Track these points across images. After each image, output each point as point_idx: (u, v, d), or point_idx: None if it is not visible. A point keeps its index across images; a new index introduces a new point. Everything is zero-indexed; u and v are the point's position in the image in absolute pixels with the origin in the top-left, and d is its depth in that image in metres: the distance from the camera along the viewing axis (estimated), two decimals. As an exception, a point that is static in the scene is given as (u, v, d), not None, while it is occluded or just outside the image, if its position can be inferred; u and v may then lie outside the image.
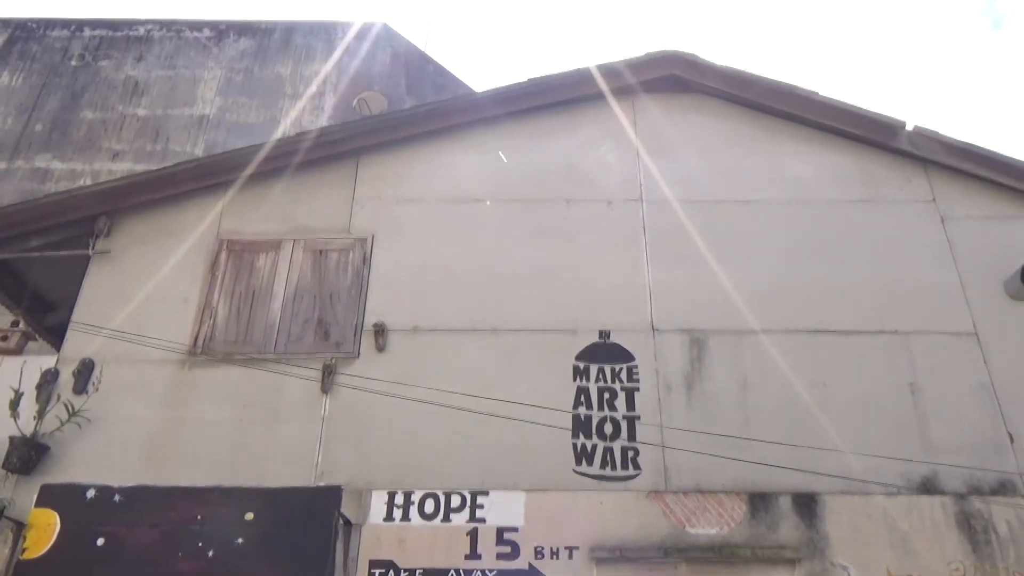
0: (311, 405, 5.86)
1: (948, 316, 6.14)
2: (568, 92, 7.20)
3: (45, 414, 5.68)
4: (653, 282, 6.33)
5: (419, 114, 7.21)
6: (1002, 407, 5.74)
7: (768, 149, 7.03)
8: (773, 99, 7.11)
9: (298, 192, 6.88)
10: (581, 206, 6.75)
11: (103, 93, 11.38)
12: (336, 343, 6.13)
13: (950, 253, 6.42)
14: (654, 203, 6.72)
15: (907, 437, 5.66)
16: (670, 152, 7.00)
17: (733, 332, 6.10)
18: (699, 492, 5.47)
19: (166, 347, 6.04)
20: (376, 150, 7.04)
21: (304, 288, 6.39)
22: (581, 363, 6.01)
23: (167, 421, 5.80)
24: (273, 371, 5.94)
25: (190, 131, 11.01)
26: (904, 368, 5.92)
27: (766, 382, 5.90)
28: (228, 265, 6.51)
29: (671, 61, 7.25)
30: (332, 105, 11.33)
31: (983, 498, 5.39)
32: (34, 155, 10.70)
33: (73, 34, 12.04)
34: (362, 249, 6.54)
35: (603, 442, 5.68)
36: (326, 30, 12.32)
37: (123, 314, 6.18)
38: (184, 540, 5.27)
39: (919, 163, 6.89)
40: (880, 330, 6.08)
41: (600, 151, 7.07)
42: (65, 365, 6.00)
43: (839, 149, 7.00)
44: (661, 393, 5.87)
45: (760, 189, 6.80)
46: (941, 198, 6.72)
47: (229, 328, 6.22)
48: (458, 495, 5.48)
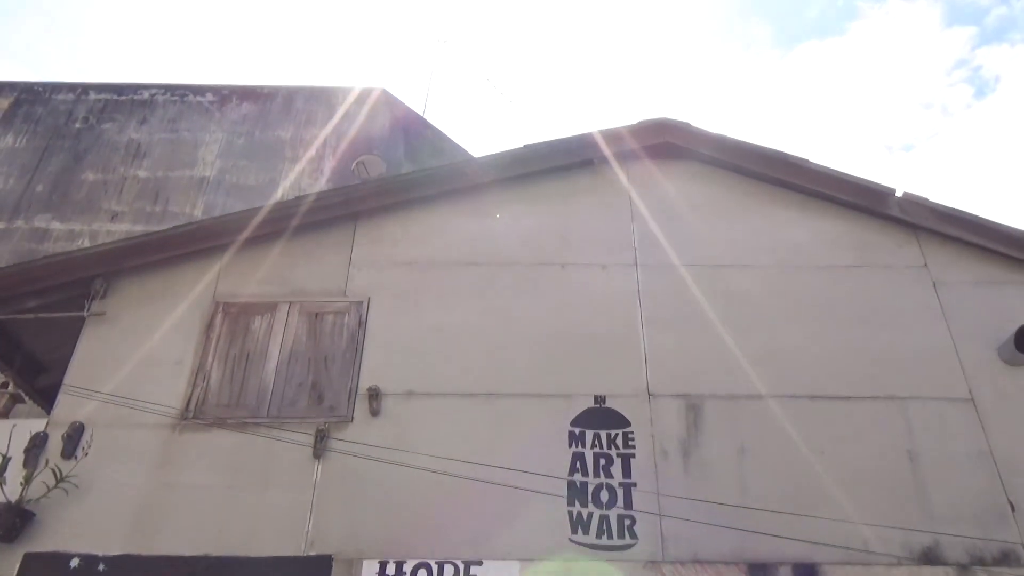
0: (303, 471, 5.77)
1: (944, 382, 6.12)
2: (563, 158, 7.33)
3: (32, 480, 5.58)
4: (648, 346, 6.33)
5: (417, 179, 7.32)
6: (1002, 475, 5.67)
7: (761, 215, 7.12)
8: (765, 166, 7.23)
9: (295, 255, 6.92)
10: (576, 270, 6.80)
11: (105, 155, 11.54)
12: (330, 407, 6.08)
13: (943, 318, 6.44)
14: (649, 267, 6.76)
15: (907, 505, 5.58)
16: (664, 217, 7.08)
17: (729, 397, 6.07)
18: (697, 562, 5.35)
19: (158, 411, 5.98)
20: (374, 213, 7.11)
21: (299, 351, 6.37)
22: (577, 428, 5.96)
23: (156, 487, 5.69)
24: (265, 436, 5.87)
25: (190, 192, 11.13)
26: (902, 434, 5.88)
27: (763, 448, 5.84)
28: (223, 327, 6.50)
29: (664, 128, 7.40)
30: (331, 168, 11.48)
31: (986, 569, 5.28)
32: (34, 215, 10.78)
33: (78, 97, 12.28)
34: (358, 312, 6.54)
35: (599, 510, 5.59)
36: (327, 95, 12.59)
37: (116, 377, 6.14)
38: (169, 612, 5.12)
39: (910, 229, 6.97)
40: (876, 396, 6.05)
41: (595, 215, 7.15)
42: (55, 429, 5.93)
43: (831, 215, 7.10)
44: (657, 459, 5.80)
45: (754, 254, 6.86)
46: (933, 263, 6.78)
47: (222, 391, 6.17)
48: (451, 565, 5.35)
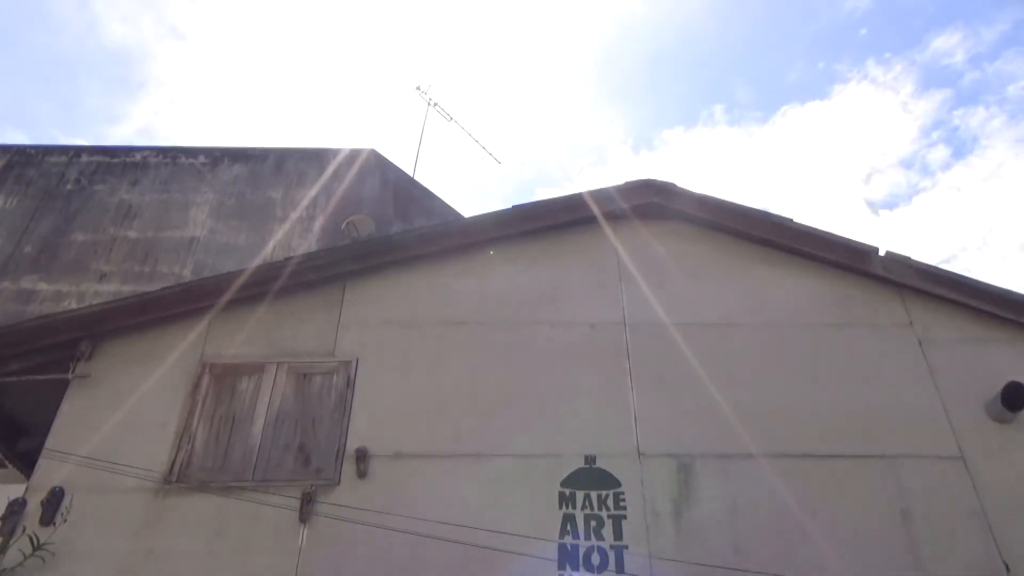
0: (288, 535, 5.65)
1: (933, 440, 6.12)
2: (551, 218, 7.42)
3: (8, 547, 5.43)
4: (638, 405, 6.31)
5: (406, 239, 7.38)
6: (995, 534, 5.63)
7: (746, 273, 7.20)
8: (749, 225, 7.35)
9: (283, 315, 6.91)
10: (564, 328, 6.81)
11: (95, 216, 11.57)
12: (316, 469, 5.99)
13: (930, 376, 6.47)
14: (637, 326, 6.79)
15: (901, 565, 5.50)
16: (651, 276, 7.15)
17: (720, 456, 6.03)
18: (691, 628, 5.24)
19: (141, 475, 5.87)
20: (363, 274, 7.14)
21: (286, 412, 6.30)
22: (567, 489, 5.89)
23: (137, 553, 5.55)
24: (250, 500, 5.76)
25: (179, 252, 11.14)
26: (893, 493, 5.84)
27: (755, 508, 5.78)
28: (209, 389, 6.44)
29: (649, 188, 7.53)
30: (321, 227, 11.56)
31: (984, 632, 5.20)
32: (21, 276, 10.74)
33: (71, 160, 12.38)
34: (346, 372, 6.51)
35: (591, 574, 5.48)
36: (318, 156, 12.75)
37: (99, 440, 6.03)
38: None
39: (894, 287, 7.06)
40: (867, 454, 6.03)
41: (583, 275, 7.21)
42: (34, 494, 5.79)
43: (816, 274, 7.18)
44: (649, 521, 5.73)
45: (741, 313, 6.91)
46: (917, 321, 6.85)
47: (207, 454, 6.08)
48: (439, 633, 5.21)
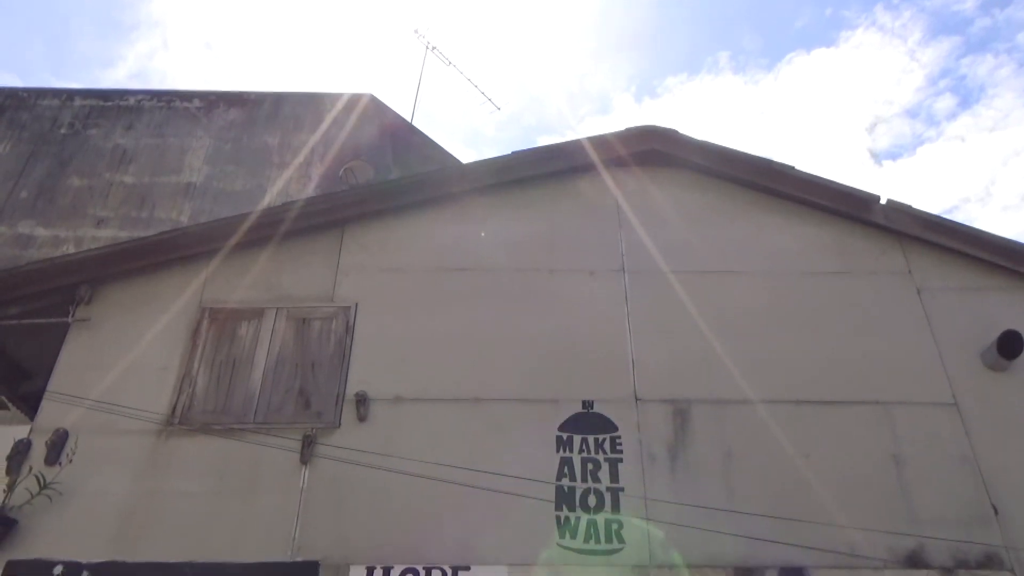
0: (290, 476, 5.74)
1: (928, 387, 6.18)
2: (551, 164, 7.36)
3: (16, 487, 5.53)
4: (636, 352, 6.35)
5: (405, 185, 7.33)
6: (985, 479, 5.73)
7: (747, 221, 7.17)
8: (750, 172, 7.29)
9: (282, 261, 6.90)
10: (564, 276, 6.82)
11: (91, 161, 11.45)
12: (317, 412, 6.06)
13: (927, 324, 6.51)
14: (636, 273, 6.80)
15: (892, 509, 5.62)
16: (652, 223, 7.12)
17: (716, 402, 6.10)
18: (684, 566, 5.36)
19: (143, 417, 5.94)
20: (362, 220, 7.11)
21: (286, 357, 6.35)
22: (564, 433, 5.97)
23: (141, 493, 5.65)
24: (252, 442, 5.84)
25: (176, 198, 11.06)
26: (887, 439, 5.93)
27: (750, 453, 5.87)
28: (210, 334, 6.47)
29: (650, 135, 7.45)
30: (319, 174, 11.45)
31: (970, 572, 5.33)
32: (18, 221, 10.68)
33: (64, 103, 12.19)
34: (345, 318, 6.53)
35: (587, 515, 5.60)
36: (314, 102, 12.56)
37: (101, 383, 6.09)
38: (154, 619, 5.08)
39: (894, 236, 7.04)
40: (862, 401, 6.10)
41: (583, 222, 7.18)
42: (38, 435, 5.87)
43: (816, 222, 7.16)
44: (645, 464, 5.82)
45: (740, 260, 6.91)
46: (916, 270, 6.85)
47: (208, 397, 6.14)
48: (439, 570, 5.34)
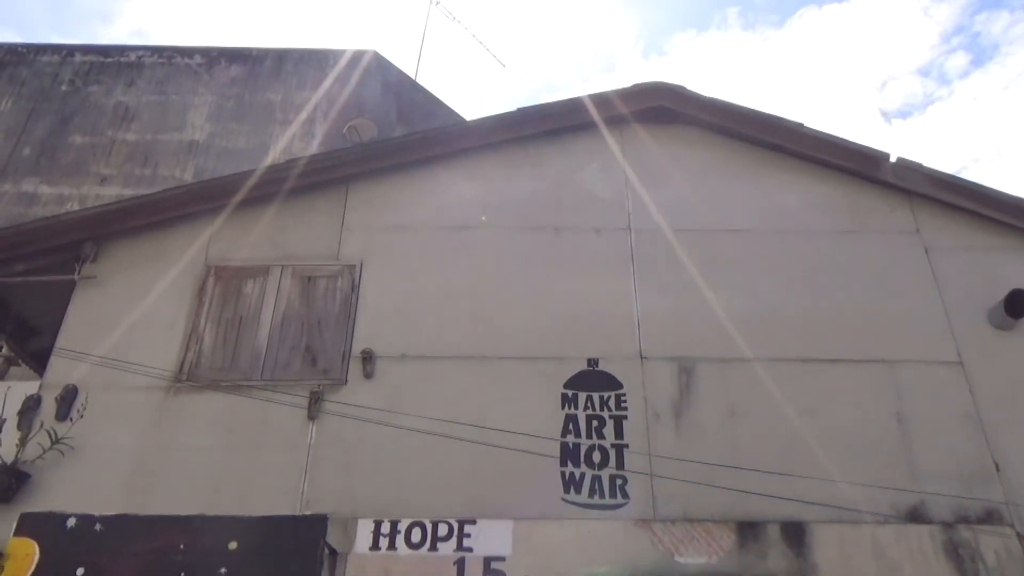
0: (297, 432, 5.80)
1: (933, 345, 6.18)
2: (557, 121, 7.27)
3: (27, 441, 5.60)
4: (641, 310, 6.35)
5: (409, 142, 7.26)
6: (987, 436, 5.76)
7: (755, 179, 7.11)
8: (759, 130, 7.20)
9: (287, 219, 6.88)
10: (570, 234, 6.79)
11: (92, 118, 11.37)
12: (323, 370, 6.10)
13: (934, 283, 6.48)
14: (642, 231, 6.76)
15: (895, 466, 5.66)
16: (659, 181, 7.06)
17: (721, 360, 6.12)
18: (687, 521, 5.44)
19: (151, 373, 5.98)
20: (366, 177, 7.06)
21: (292, 314, 6.36)
22: (569, 391, 6.00)
23: (151, 448, 5.72)
24: (259, 398, 5.89)
25: (179, 156, 11.00)
26: (891, 397, 5.95)
27: (754, 410, 5.90)
28: (215, 291, 6.48)
29: (659, 92, 7.34)
30: (322, 132, 11.36)
31: (971, 527, 5.39)
32: (21, 179, 10.65)
33: (63, 60, 12.06)
34: (350, 276, 6.53)
35: (591, 470, 5.66)
36: (317, 58, 12.40)
37: (108, 340, 6.13)
38: (166, 570, 5.16)
39: (903, 194, 6.98)
40: (866, 359, 6.11)
41: (589, 180, 7.12)
42: (48, 391, 5.93)
43: (825, 180, 7.09)
44: (649, 421, 5.86)
45: (747, 218, 6.86)
46: (925, 229, 6.80)
47: (215, 354, 6.18)
48: (445, 524, 5.42)
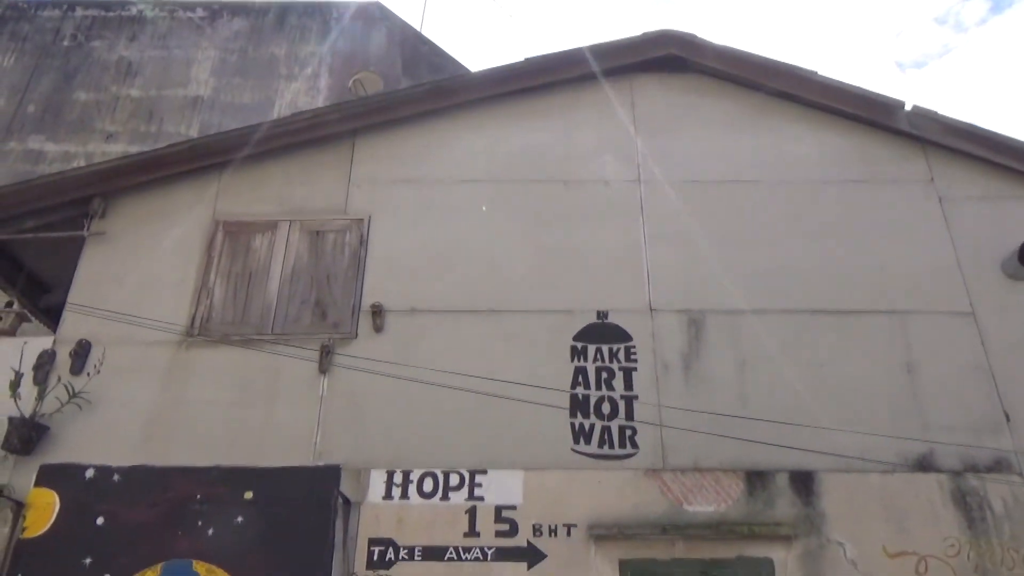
0: (309, 385, 5.86)
1: (945, 296, 6.15)
2: (565, 72, 7.15)
3: (45, 395, 5.67)
4: (651, 262, 6.33)
5: (415, 94, 7.17)
6: (998, 386, 5.76)
7: (766, 129, 7.01)
8: (771, 78, 7.07)
9: (294, 173, 6.84)
10: (579, 187, 6.73)
11: (96, 74, 11.26)
12: (334, 324, 6.12)
13: (948, 233, 6.42)
14: (652, 183, 6.70)
15: (904, 416, 5.68)
16: (668, 132, 6.98)
17: (730, 312, 6.10)
18: (696, 470, 5.49)
19: (163, 328, 6.02)
20: (372, 131, 6.99)
21: (301, 269, 6.37)
22: (579, 343, 6.01)
23: (165, 402, 5.79)
24: (271, 352, 5.94)
25: (184, 112, 10.92)
26: (901, 348, 5.94)
27: (763, 362, 5.91)
28: (224, 246, 6.48)
29: (668, 40, 7.20)
30: (327, 86, 11.24)
31: (979, 476, 5.43)
32: (27, 136, 10.62)
33: (65, 14, 11.90)
34: (359, 230, 6.51)
35: (601, 421, 5.70)
36: (321, 10, 12.21)
37: (119, 295, 6.16)
38: (183, 519, 5.28)
39: (917, 143, 6.87)
40: (877, 310, 6.09)
41: (598, 131, 7.04)
42: (62, 346, 5.98)
43: (837, 129, 6.98)
44: (659, 373, 5.88)
45: (758, 169, 6.78)
46: (939, 178, 6.71)
47: (226, 309, 6.21)
48: (456, 474, 5.50)
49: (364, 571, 5.16)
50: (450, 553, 5.24)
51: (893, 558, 5.16)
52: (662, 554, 5.22)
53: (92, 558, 5.17)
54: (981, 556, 5.16)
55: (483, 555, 5.23)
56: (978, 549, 5.18)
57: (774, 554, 5.20)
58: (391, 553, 5.25)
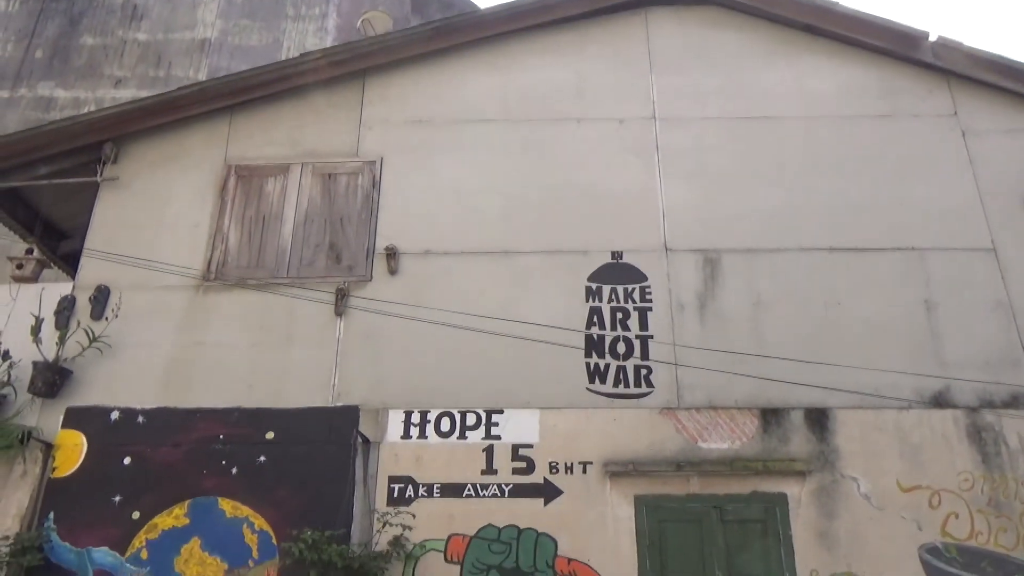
0: (325, 328, 5.90)
1: (966, 232, 6.06)
2: (578, 6, 6.97)
3: (66, 340, 5.76)
4: (666, 201, 6.26)
5: (425, 32, 7.01)
6: (1018, 322, 5.71)
7: (785, 63, 6.82)
8: (791, 9, 6.86)
9: (304, 115, 6.77)
10: (592, 125, 6.62)
11: (102, 18, 11.09)
12: (348, 267, 6.14)
13: (970, 167, 6.29)
14: (667, 120, 6.57)
15: (921, 353, 5.66)
16: (684, 67, 6.81)
17: (747, 251, 6.05)
18: (711, 408, 5.53)
19: (180, 273, 6.07)
20: (382, 71, 6.88)
21: (314, 212, 6.35)
22: (593, 284, 6.00)
23: (184, 345, 5.87)
24: (287, 295, 5.97)
25: (192, 56, 10.76)
26: (920, 285, 5.88)
27: (780, 300, 5.88)
28: (237, 190, 6.47)
29: (685, -29, 6.97)
30: (336, 26, 11.01)
31: (995, 411, 5.43)
32: (36, 83, 10.54)
33: (68, -44, 11.66)
34: (371, 172, 6.47)
35: (616, 361, 5.72)
36: (327, -53, 11.86)
37: (135, 241, 6.20)
38: (208, 458, 5.41)
39: (941, 75, 6.67)
40: (896, 247, 6.01)
41: (612, 68, 6.88)
42: (81, 292, 6.05)
43: (859, 62, 6.79)
44: (674, 312, 5.87)
45: (776, 105, 6.63)
46: (963, 111, 6.54)
47: (241, 253, 6.23)
48: (473, 413, 5.57)
49: (385, 507, 5.28)
50: (468, 490, 5.35)
51: (907, 492, 5.22)
52: (677, 490, 5.30)
53: (121, 496, 5.33)
54: (995, 489, 5.20)
55: (500, 492, 5.33)
56: (992, 483, 5.22)
57: (788, 489, 5.26)
58: (410, 490, 5.36)
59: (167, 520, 5.27)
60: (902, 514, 5.17)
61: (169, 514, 5.28)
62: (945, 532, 5.12)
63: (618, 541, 5.18)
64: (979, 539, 5.09)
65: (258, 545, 5.18)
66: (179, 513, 5.28)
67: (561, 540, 5.20)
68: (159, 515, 5.28)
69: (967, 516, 5.14)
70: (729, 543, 5.14)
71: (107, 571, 5.16)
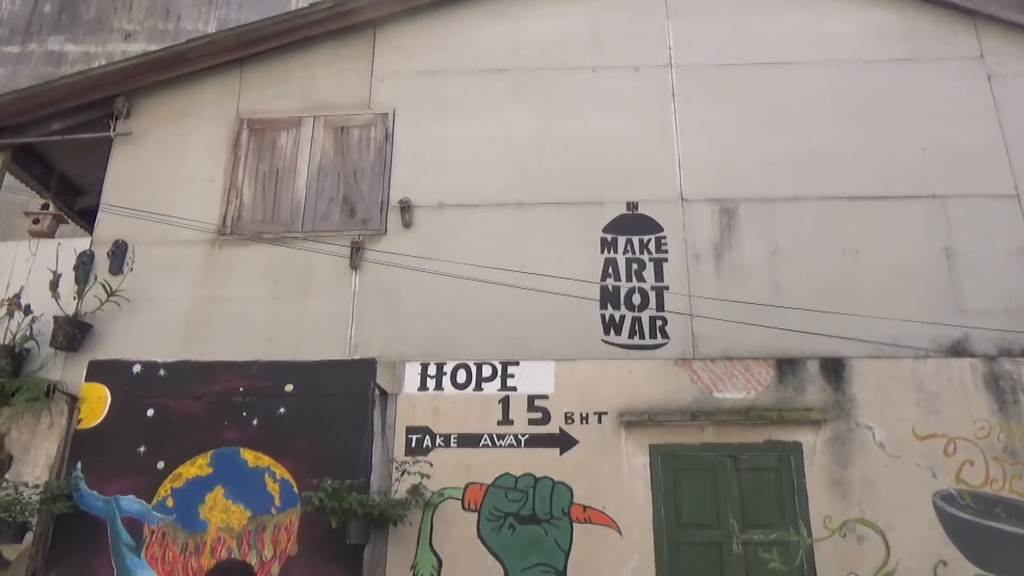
0: (341, 281, 5.93)
1: (989, 178, 5.94)
2: (593, -50, 6.78)
3: (84, 294, 5.82)
4: (682, 151, 6.17)
5: (436, -21, 6.86)
6: (1039, 270, 5.64)
7: (804, 6, 6.63)
8: (813, -50, 6.64)
9: (316, 68, 6.69)
10: (607, 73, 6.50)
11: (109, -30, 10.98)
12: (363, 220, 6.13)
13: (995, 113, 6.13)
14: (684, 67, 6.44)
15: (939, 302, 5.62)
16: (701, 13, 6.64)
17: (764, 200, 5.98)
18: (727, 359, 5.53)
19: (196, 227, 6.08)
20: (393, 20, 6.76)
21: (328, 166, 6.33)
22: (609, 235, 5.97)
23: (202, 299, 5.92)
24: (302, 248, 5.99)
25: (201, 8, 10.66)
26: (940, 233, 5.81)
27: (797, 250, 5.83)
28: (250, 144, 6.44)
29: (704, -89, 6.74)
30: (345, -24, 10.82)
31: (1013, 359, 5.40)
32: (46, 38, 10.49)
33: (72, -94, 11.47)
34: (384, 124, 6.41)
35: (631, 312, 5.72)
36: None
37: (151, 196, 6.21)
38: (228, 410, 5.51)
39: (967, 16, 6.47)
40: (917, 194, 5.92)
41: (626, 14, 6.72)
42: (99, 247, 6.09)
43: (879, 3, 6.58)
44: (690, 263, 5.84)
45: (795, 50, 6.47)
46: (990, 54, 6.35)
47: (256, 207, 6.23)
48: (489, 365, 5.61)
49: (403, 457, 5.36)
50: (485, 440, 5.42)
51: (922, 440, 5.23)
52: (692, 439, 5.34)
53: (145, 447, 5.45)
54: (1011, 437, 5.20)
55: (516, 442, 5.40)
56: (1008, 431, 5.22)
57: (803, 438, 5.29)
58: (428, 441, 5.44)
59: (191, 469, 5.39)
60: (917, 462, 5.18)
61: (193, 464, 5.40)
62: (960, 479, 5.13)
63: (633, 489, 5.25)
64: (994, 486, 5.11)
65: (280, 493, 5.30)
66: (202, 463, 5.40)
67: (577, 488, 5.27)
68: (183, 465, 5.39)
69: (982, 464, 5.15)
70: (743, 491, 5.20)
71: (134, 518, 5.31)
